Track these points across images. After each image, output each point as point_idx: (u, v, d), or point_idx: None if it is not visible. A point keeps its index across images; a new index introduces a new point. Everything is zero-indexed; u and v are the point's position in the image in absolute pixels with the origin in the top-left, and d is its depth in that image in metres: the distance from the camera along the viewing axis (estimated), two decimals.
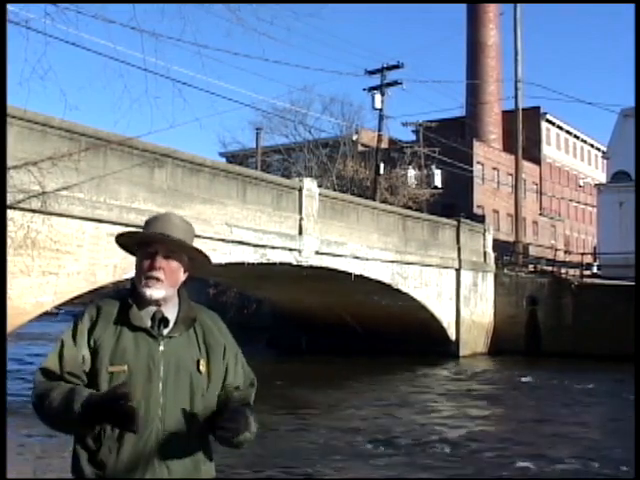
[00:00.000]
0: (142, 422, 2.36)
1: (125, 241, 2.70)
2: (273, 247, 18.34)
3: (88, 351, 2.50)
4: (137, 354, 2.49)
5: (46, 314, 14.39)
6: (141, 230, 2.67)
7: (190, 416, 2.51)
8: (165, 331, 2.57)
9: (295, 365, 23.22)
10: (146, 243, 2.61)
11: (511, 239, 38.29)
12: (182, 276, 2.67)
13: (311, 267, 19.92)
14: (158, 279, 2.56)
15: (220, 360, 2.65)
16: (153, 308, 2.58)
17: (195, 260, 2.72)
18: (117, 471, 2.42)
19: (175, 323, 2.60)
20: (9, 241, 11.47)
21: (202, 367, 2.58)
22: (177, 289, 2.67)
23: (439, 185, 39.00)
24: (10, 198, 11.28)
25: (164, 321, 2.58)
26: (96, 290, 13.96)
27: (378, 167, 32.29)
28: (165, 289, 2.58)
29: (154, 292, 2.56)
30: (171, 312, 2.61)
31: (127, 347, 2.50)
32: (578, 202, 63.92)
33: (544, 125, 59.06)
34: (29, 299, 12.32)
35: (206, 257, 2.75)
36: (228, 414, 2.44)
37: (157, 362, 2.51)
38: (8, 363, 14.44)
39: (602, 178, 52.48)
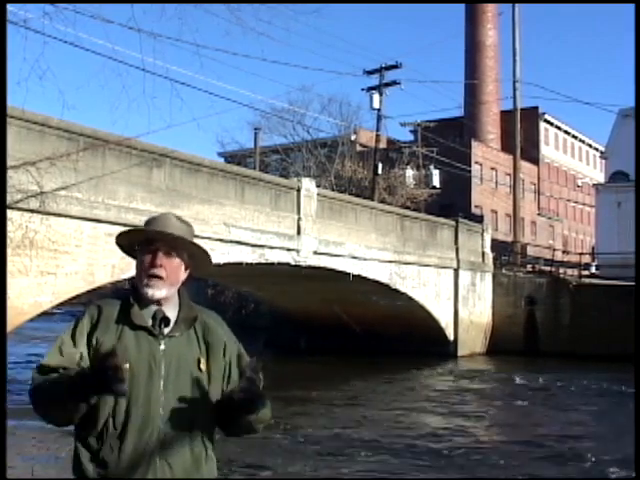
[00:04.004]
0: (128, 386, 2.34)
1: (126, 240, 2.71)
2: (271, 247, 18.34)
3: (86, 350, 2.51)
4: (138, 353, 2.51)
5: (45, 314, 14.37)
6: (141, 227, 2.69)
7: (191, 414, 2.52)
8: (166, 330, 2.58)
9: (293, 365, 23.21)
10: (147, 241, 2.62)
11: (509, 239, 38.34)
12: (183, 274, 2.69)
13: (309, 267, 19.92)
14: (159, 277, 2.57)
15: (220, 358, 2.66)
16: (154, 307, 2.60)
17: (196, 258, 2.73)
18: (119, 470, 2.43)
19: (176, 322, 2.61)
20: (7, 241, 11.46)
21: (202, 365, 2.59)
22: (178, 289, 2.68)
23: (437, 185, 39.02)
24: (8, 198, 11.27)
25: (165, 320, 2.59)
26: (94, 290, 13.96)
27: (376, 167, 32.29)
28: (166, 288, 2.59)
29: (156, 292, 2.57)
30: (172, 311, 2.63)
31: (128, 346, 2.51)
32: (576, 202, 63.97)
33: (542, 125, 59.10)
34: (27, 299, 12.31)
35: (206, 254, 2.76)
36: (245, 380, 2.46)
37: (158, 361, 2.52)
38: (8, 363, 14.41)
39: (600, 178, 52.53)
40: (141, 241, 2.65)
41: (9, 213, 11.48)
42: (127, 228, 2.78)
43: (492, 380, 21.30)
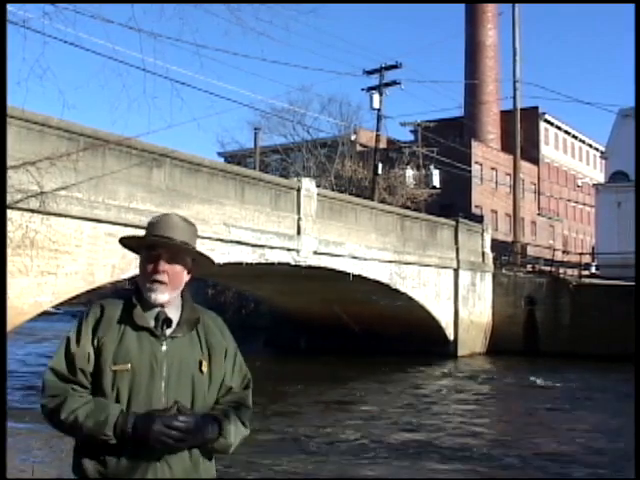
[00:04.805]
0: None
1: (128, 243, 2.72)
2: (271, 247, 18.33)
3: (92, 349, 2.53)
4: (140, 353, 2.52)
5: (44, 314, 14.37)
6: (143, 232, 2.69)
7: None
8: (168, 331, 2.60)
9: (293, 365, 23.21)
10: (150, 246, 2.63)
11: (509, 239, 38.33)
12: (186, 277, 2.70)
13: (309, 267, 19.91)
14: (162, 282, 2.58)
15: (222, 362, 2.67)
16: (157, 308, 2.61)
17: (198, 261, 2.74)
18: (119, 469, 2.44)
19: (178, 324, 2.62)
20: (7, 241, 11.44)
21: (204, 368, 2.60)
22: (181, 290, 2.68)
23: (437, 185, 38.98)
24: (8, 198, 11.26)
25: (167, 322, 2.60)
26: (94, 290, 13.96)
27: (376, 167, 32.29)
28: (169, 292, 2.60)
29: (159, 296, 2.58)
30: (174, 313, 2.64)
31: (130, 346, 2.52)
32: (576, 202, 63.95)
33: (542, 125, 59.08)
34: (27, 299, 12.30)
35: (209, 259, 2.77)
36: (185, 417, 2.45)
37: (160, 362, 2.53)
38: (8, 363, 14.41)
39: (600, 178, 52.51)
40: (145, 245, 2.66)
41: (9, 213, 11.47)
42: (127, 228, 2.79)
43: (492, 380, 21.23)
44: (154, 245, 2.61)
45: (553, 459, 10.81)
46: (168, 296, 2.59)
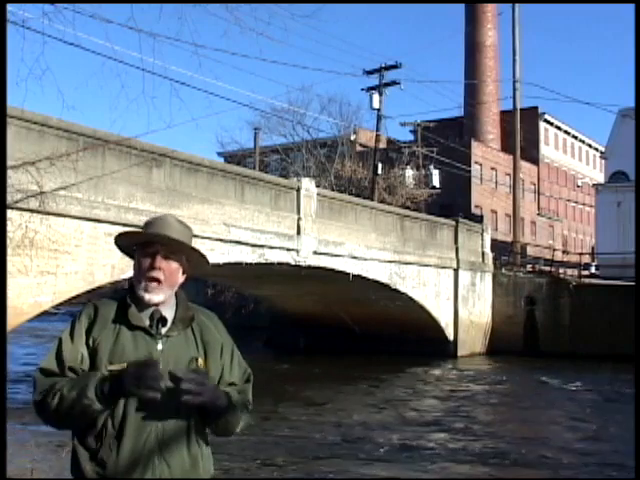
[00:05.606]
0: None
1: (125, 241, 2.71)
2: (271, 247, 18.33)
3: (86, 350, 2.52)
4: (136, 353, 2.51)
5: (44, 314, 14.36)
6: (141, 230, 2.68)
7: (188, 414, 2.52)
8: (163, 330, 2.59)
9: (293, 365, 23.21)
10: (146, 244, 2.62)
11: (509, 239, 38.32)
12: (180, 277, 2.69)
13: (309, 267, 19.90)
14: (158, 280, 2.57)
15: (218, 358, 2.67)
16: (151, 307, 2.60)
17: (193, 262, 2.74)
18: (118, 469, 2.43)
19: (173, 322, 2.62)
20: (7, 241, 11.44)
21: (200, 365, 2.60)
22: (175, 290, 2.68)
23: (437, 185, 39.01)
24: (8, 198, 11.25)
25: (162, 320, 2.59)
26: (94, 290, 13.96)
27: (376, 167, 32.29)
28: (164, 292, 2.60)
29: (153, 296, 2.58)
30: (169, 312, 2.63)
31: (126, 346, 2.52)
32: (576, 202, 63.95)
33: (542, 125, 59.07)
34: (27, 299, 12.30)
35: (205, 258, 2.76)
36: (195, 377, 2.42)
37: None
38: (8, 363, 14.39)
39: (600, 178, 52.51)
40: (140, 243, 2.65)
41: (9, 213, 11.46)
42: (126, 228, 2.79)
43: (491, 380, 21.24)
44: (151, 242, 2.61)
45: (566, 458, 10.81)
46: (163, 296, 2.59)
